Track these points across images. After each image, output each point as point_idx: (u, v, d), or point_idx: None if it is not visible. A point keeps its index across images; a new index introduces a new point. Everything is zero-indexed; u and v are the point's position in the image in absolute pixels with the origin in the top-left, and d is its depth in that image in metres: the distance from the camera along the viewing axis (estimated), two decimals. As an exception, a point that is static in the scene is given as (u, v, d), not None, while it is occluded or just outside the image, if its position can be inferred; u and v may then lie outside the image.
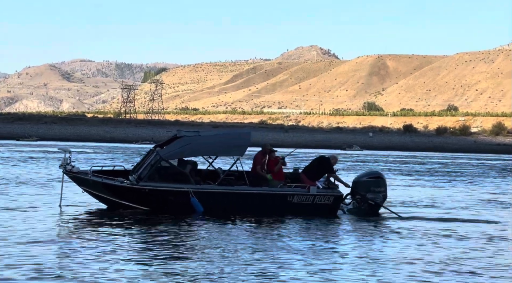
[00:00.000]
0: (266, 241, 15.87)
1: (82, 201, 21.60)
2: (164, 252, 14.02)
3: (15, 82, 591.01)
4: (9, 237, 15.06)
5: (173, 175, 20.01)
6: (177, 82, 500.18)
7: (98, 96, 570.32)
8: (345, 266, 13.22)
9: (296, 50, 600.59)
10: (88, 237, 15.48)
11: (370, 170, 23.70)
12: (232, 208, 19.85)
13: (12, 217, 18.28)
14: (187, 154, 20.54)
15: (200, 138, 20.86)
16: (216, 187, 20.05)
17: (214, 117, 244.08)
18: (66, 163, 20.29)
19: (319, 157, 21.51)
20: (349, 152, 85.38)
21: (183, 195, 19.53)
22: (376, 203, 20.65)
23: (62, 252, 13.68)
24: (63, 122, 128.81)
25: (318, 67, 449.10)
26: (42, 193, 24.56)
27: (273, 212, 19.92)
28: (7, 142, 78.27)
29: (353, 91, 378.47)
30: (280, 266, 13.01)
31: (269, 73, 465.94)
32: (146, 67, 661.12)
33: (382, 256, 14.48)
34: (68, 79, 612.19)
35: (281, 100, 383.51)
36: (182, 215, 19.12)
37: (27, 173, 33.30)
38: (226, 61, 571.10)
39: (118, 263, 12.70)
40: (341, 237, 16.94)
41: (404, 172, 44.73)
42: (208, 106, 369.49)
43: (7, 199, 22.31)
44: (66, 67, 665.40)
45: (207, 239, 15.79)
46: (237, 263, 13.11)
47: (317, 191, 20.20)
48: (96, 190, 20.32)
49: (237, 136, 21.69)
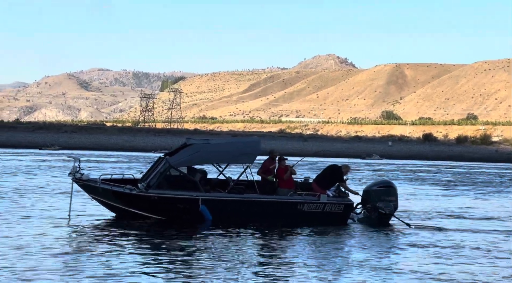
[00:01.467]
0: (275, 251, 15.74)
1: (91, 209, 21.56)
2: (173, 262, 13.91)
3: (34, 92, 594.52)
4: (16, 247, 15.03)
5: (183, 183, 19.97)
6: (195, 91, 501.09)
7: (115, 105, 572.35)
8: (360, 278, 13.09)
9: (314, 59, 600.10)
10: (96, 247, 15.41)
11: (380, 179, 23.55)
12: (242, 217, 19.72)
13: (21, 225, 18.24)
14: (196, 162, 20.49)
15: (210, 146, 20.80)
16: (226, 195, 19.93)
17: (232, 126, 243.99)
18: (76, 171, 20.27)
19: (331, 165, 21.41)
20: (368, 161, 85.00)
21: (192, 203, 19.42)
22: (387, 212, 20.46)
23: (70, 261, 13.67)
24: (82, 131, 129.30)
25: (335, 76, 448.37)
26: (58, 200, 24.50)
27: (283, 220, 19.80)
28: (30, 151, 78.60)
29: (370, 100, 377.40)
30: (289, 276, 12.93)
31: (286, 82, 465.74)
32: (163, 76, 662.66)
33: (394, 266, 14.37)
34: (86, 88, 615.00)
35: (298, 109, 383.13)
36: (191, 223, 19.03)
37: (49, 181, 33.38)
38: (244, 70, 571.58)
39: (126, 272, 12.67)
40: (354, 247, 16.81)
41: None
42: (225, 115, 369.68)
43: (21, 207, 22.39)
44: (84, 76, 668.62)
45: (214, 249, 15.67)
46: (245, 275, 12.99)
47: (327, 200, 20.12)
48: (105, 198, 20.26)
49: (246, 144, 21.59)
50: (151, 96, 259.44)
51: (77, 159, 20.55)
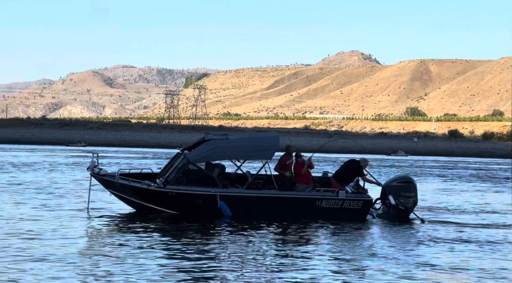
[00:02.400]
0: (293, 247, 15.69)
1: (109, 204, 21.61)
2: (190, 258, 13.86)
3: (59, 88, 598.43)
4: (35, 241, 15.07)
5: (201, 179, 19.87)
6: (219, 88, 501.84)
7: (139, 101, 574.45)
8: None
9: (337, 55, 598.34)
10: (114, 242, 15.41)
11: (401, 175, 23.38)
12: (260, 212, 19.58)
13: (40, 221, 18.30)
14: (215, 157, 20.35)
15: (228, 142, 20.72)
16: (244, 191, 19.79)
17: (257, 123, 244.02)
18: (94, 166, 20.28)
19: (349, 160, 21.28)
20: (394, 157, 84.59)
21: (210, 199, 19.31)
22: (406, 208, 20.29)
23: (87, 256, 13.71)
24: (108, 127, 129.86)
25: (359, 72, 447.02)
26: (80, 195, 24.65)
27: (301, 216, 19.61)
28: (58, 147, 79.16)
29: (395, 96, 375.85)
30: (306, 272, 12.91)
31: (310, 78, 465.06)
32: (187, 72, 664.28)
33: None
34: (111, 85, 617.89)
35: (322, 105, 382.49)
36: (209, 219, 18.94)
37: (72, 176, 33.56)
38: (268, 66, 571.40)
39: (142, 267, 12.67)
40: (377, 242, 16.76)
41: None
42: (249, 112, 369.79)
43: (42, 202, 22.54)
44: (108, 73, 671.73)
45: (232, 245, 15.63)
46: (265, 270, 12.95)
47: (346, 196, 19.89)
48: (123, 193, 20.24)
49: (265, 139, 21.40)
50: (175, 93, 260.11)
51: (95, 154, 20.59)
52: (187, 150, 20.78)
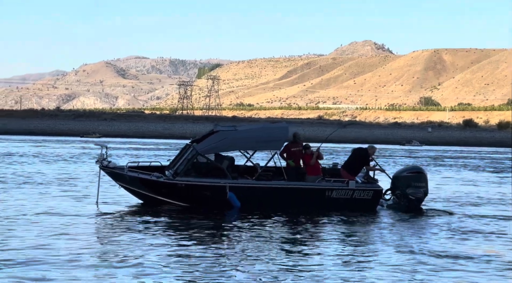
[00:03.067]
0: (303, 238, 15.59)
1: (119, 197, 21.55)
2: (201, 249, 13.81)
3: (72, 80, 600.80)
4: (43, 234, 15.03)
5: (210, 170, 19.73)
6: (232, 78, 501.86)
7: (152, 92, 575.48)
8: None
9: (350, 45, 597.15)
10: (122, 235, 15.34)
11: (410, 165, 23.19)
12: (269, 203, 19.46)
13: (49, 214, 18.26)
14: (224, 148, 20.22)
15: (237, 133, 20.55)
16: (253, 182, 19.66)
17: (270, 113, 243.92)
18: (103, 159, 20.15)
19: (357, 148, 21.11)
20: (409, 147, 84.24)
21: (219, 190, 19.21)
22: (417, 198, 20.12)
23: (97, 249, 13.68)
24: (122, 118, 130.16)
25: (372, 62, 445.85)
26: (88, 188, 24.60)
27: (311, 207, 19.48)
28: (74, 138, 79.32)
29: (408, 86, 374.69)
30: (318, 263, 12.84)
31: (323, 68, 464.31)
32: (200, 63, 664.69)
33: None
34: (123, 76, 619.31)
35: (335, 96, 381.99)
36: (219, 210, 18.86)
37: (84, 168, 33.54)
38: (280, 57, 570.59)
39: (152, 260, 12.60)
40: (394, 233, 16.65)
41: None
42: (262, 102, 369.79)
43: (51, 195, 22.53)
44: (121, 64, 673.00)
45: (241, 236, 15.54)
46: (275, 262, 12.85)
47: (356, 186, 19.72)
48: (133, 186, 20.12)
49: (274, 130, 21.15)
50: (189, 84, 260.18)
51: (104, 146, 20.43)
52: (196, 142, 20.68)
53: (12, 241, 14.08)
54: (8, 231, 15.25)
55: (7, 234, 14.82)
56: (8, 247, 13.41)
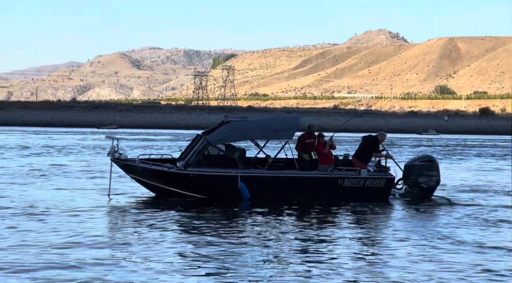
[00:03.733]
0: (316, 227, 15.54)
1: (130, 189, 21.53)
2: (212, 239, 13.81)
3: (87, 71, 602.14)
4: (57, 226, 15.07)
5: (221, 161, 19.69)
6: (246, 68, 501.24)
7: (167, 83, 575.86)
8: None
9: (365, 34, 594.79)
10: (135, 227, 15.32)
11: (422, 154, 23.03)
12: (281, 193, 19.40)
13: (62, 205, 18.32)
14: (235, 138, 20.22)
15: (248, 123, 20.57)
16: (265, 172, 19.61)
17: (285, 103, 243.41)
18: (114, 151, 20.06)
19: (366, 136, 21.05)
20: (425, 136, 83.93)
21: (231, 180, 19.16)
22: (429, 186, 20.07)
23: (110, 239, 13.75)
24: (138, 109, 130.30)
25: (387, 51, 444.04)
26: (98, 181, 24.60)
27: (323, 196, 19.41)
28: (90, 130, 79.54)
29: (423, 74, 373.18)
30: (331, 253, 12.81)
31: (338, 57, 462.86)
32: (214, 53, 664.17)
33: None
34: (138, 67, 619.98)
35: (350, 85, 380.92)
36: (230, 201, 18.81)
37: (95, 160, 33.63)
38: (295, 46, 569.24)
39: (165, 253, 12.59)
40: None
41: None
42: (277, 92, 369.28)
43: (64, 186, 22.60)
44: (136, 55, 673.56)
45: (254, 227, 15.52)
46: (287, 253, 12.83)
47: (368, 174, 19.62)
48: (144, 178, 20.07)
49: (285, 120, 21.17)
50: (204, 74, 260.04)
51: (115, 138, 20.37)
52: (207, 133, 20.63)
53: (15, 236, 14.03)
54: (15, 225, 15.20)
55: (16, 228, 14.81)
56: (16, 243, 13.37)
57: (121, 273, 11.06)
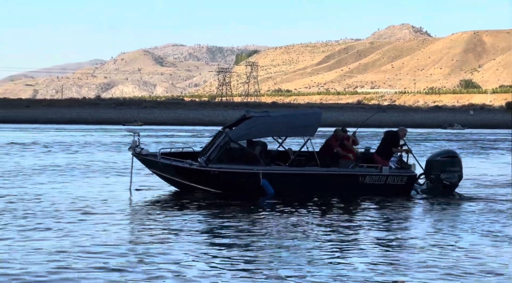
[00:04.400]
0: (339, 225, 15.39)
1: (152, 184, 21.48)
2: (233, 236, 13.69)
3: (111, 68, 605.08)
4: (79, 223, 15.04)
5: (243, 157, 19.55)
6: (269, 64, 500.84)
7: (190, 79, 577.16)
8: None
9: (388, 29, 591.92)
10: (157, 222, 15.25)
11: (444, 149, 22.77)
12: (303, 190, 19.32)
13: (83, 200, 18.33)
14: (257, 135, 20.09)
15: (270, 119, 20.36)
16: (287, 168, 19.52)
17: (309, 98, 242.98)
18: (135, 146, 20.04)
19: (386, 131, 20.86)
20: (451, 131, 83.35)
21: (253, 177, 19.08)
22: (451, 183, 19.87)
23: (132, 237, 13.67)
24: (162, 106, 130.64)
25: (410, 46, 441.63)
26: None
27: (344, 193, 19.32)
28: (116, 127, 79.75)
29: (447, 69, 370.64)
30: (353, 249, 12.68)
31: (361, 53, 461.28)
32: (237, 49, 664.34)
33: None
34: (161, 64, 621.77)
35: (373, 80, 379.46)
36: (252, 197, 18.72)
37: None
38: (317, 42, 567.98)
39: (186, 249, 12.48)
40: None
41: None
42: (300, 88, 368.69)
43: (86, 182, 22.63)
44: (159, 52, 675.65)
45: (277, 224, 15.37)
46: (307, 248, 12.73)
47: (389, 171, 19.50)
48: (166, 173, 20.02)
49: (307, 116, 21.07)
50: (228, 70, 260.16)
51: (136, 133, 20.33)
52: (228, 128, 20.49)
53: (37, 233, 14.04)
54: (38, 223, 15.21)
55: (39, 226, 14.80)
56: (40, 236, 13.49)
57: (142, 270, 10.95)
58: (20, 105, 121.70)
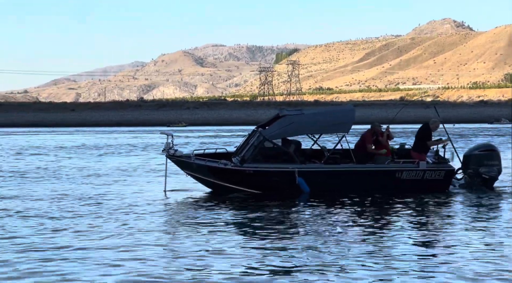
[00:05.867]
0: (378, 222, 15.15)
1: (186, 185, 21.36)
2: (270, 236, 13.49)
3: (151, 70, 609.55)
4: (113, 223, 15.03)
5: (278, 156, 19.44)
6: (309, 63, 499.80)
7: (230, 80, 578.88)
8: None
9: (428, 24, 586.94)
10: (192, 223, 15.09)
11: (482, 143, 22.28)
12: (339, 187, 19.14)
13: (117, 203, 18.32)
14: (291, 133, 19.98)
15: (304, 117, 20.31)
16: (322, 166, 19.36)
17: (350, 96, 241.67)
18: (169, 147, 19.99)
19: (421, 125, 20.38)
20: (498, 125, 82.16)
21: (288, 176, 18.92)
22: (491, 176, 19.47)
23: (167, 238, 13.54)
24: (204, 107, 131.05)
25: (452, 41, 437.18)
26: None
27: (381, 189, 19.08)
28: (160, 128, 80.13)
29: (491, 63, 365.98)
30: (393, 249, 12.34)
31: (401, 49, 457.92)
32: (277, 49, 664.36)
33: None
34: (201, 64, 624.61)
35: (415, 76, 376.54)
36: (288, 196, 18.54)
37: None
38: (357, 39, 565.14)
39: (223, 248, 12.39)
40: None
41: None
42: (341, 85, 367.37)
43: (118, 184, 22.69)
44: (199, 52, 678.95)
45: (312, 223, 15.12)
46: (343, 246, 12.47)
47: (426, 166, 19.25)
48: (200, 174, 19.95)
49: (341, 113, 20.93)
50: (269, 70, 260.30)
51: (170, 135, 20.25)
52: (261, 127, 20.49)
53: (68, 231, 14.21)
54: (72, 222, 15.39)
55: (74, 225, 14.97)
56: (81, 235, 13.71)
57: (178, 270, 10.90)
58: (66, 108, 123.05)
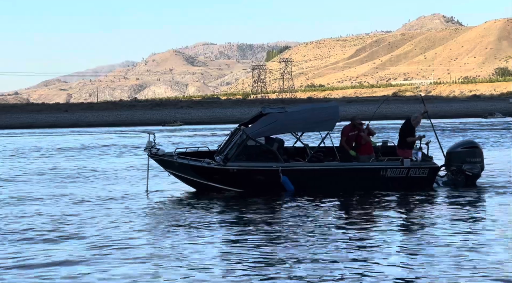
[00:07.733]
0: (364, 220, 14.98)
1: (168, 185, 21.18)
2: (254, 235, 13.33)
3: (142, 70, 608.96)
4: (96, 224, 14.88)
5: (261, 154, 19.22)
6: (301, 60, 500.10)
7: (222, 78, 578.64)
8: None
9: (418, 20, 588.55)
10: (175, 223, 14.90)
11: (465, 140, 22.20)
12: (323, 185, 18.94)
13: (100, 203, 18.18)
14: (275, 131, 19.64)
15: (287, 115, 19.99)
16: (306, 164, 19.13)
17: (343, 93, 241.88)
18: (151, 146, 19.71)
19: (404, 122, 20.20)
20: (492, 120, 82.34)
21: (272, 174, 18.74)
22: (474, 173, 19.40)
23: (146, 238, 13.36)
24: (198, 105, 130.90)
25: (443, 36, 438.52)
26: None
27: (365, 187, 18.87)
28: (158, 128, 79.93)
29: (481, 57, 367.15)
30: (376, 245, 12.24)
31: (392, 45, 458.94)
32: (267, 46, 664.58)
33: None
34: (192, 63, 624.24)
35: (406, 72, 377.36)
36: (272, 194, 18.35)
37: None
38: (348, 36, 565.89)
39: (209, 248, 12.24)
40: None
41: None
42: (333, 82, 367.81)
43: (105, 184, 22.53)
44: (189, 51, 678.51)
45: (298, 221, 14.94)
46: (329, 245, 12.28)
47: (411, 164, 19.09)
48: (183, 173, 19.68)
49: (324, 110, 20.58)
50: (262, 67, 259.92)
51: (151, 133, 20.00)
52: (244, 125, 20.18)
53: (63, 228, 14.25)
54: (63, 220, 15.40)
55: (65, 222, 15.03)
56: (65, 234, 13.70)
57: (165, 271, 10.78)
58: (59, 109, 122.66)
